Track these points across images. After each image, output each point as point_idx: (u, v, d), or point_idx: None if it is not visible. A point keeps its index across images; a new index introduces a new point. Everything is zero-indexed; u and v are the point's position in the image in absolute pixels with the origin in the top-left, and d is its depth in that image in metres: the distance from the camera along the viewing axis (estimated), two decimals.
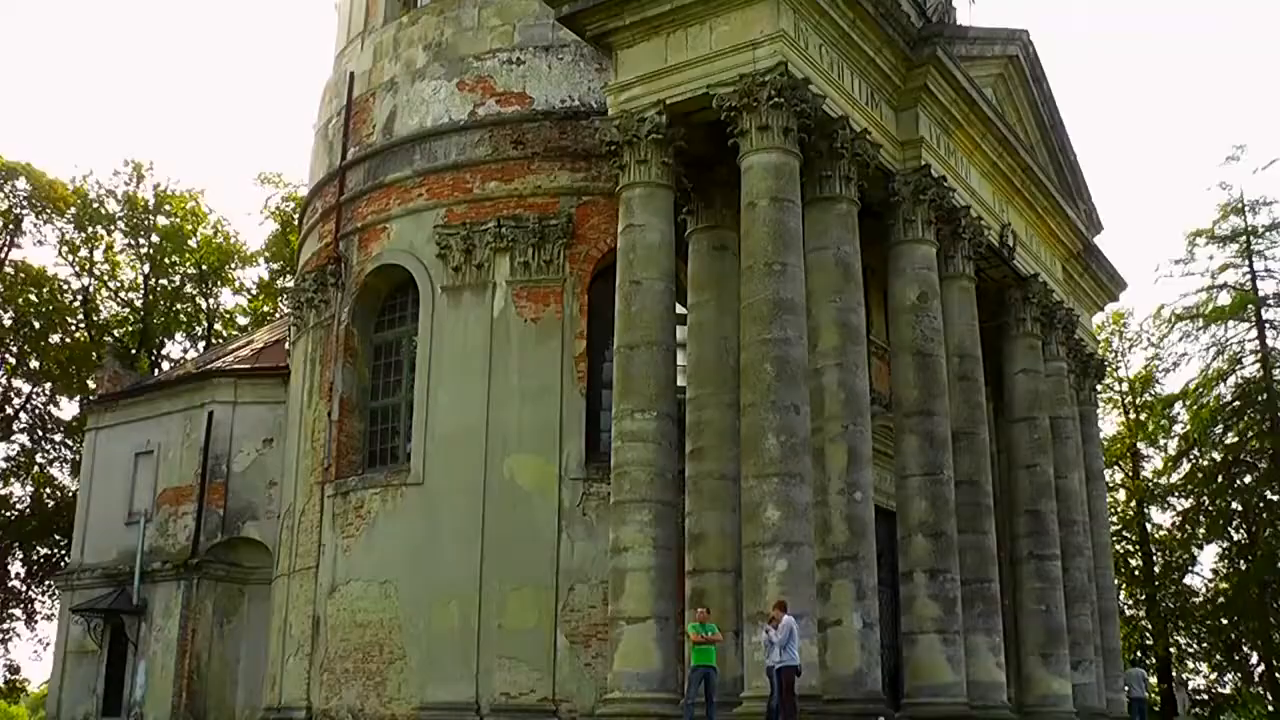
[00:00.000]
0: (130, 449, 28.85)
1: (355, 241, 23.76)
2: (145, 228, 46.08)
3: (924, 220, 20.87)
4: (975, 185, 23.21)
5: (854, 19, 19.36)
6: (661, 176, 18.48)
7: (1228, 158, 44.86)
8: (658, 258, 18.17)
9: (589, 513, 20.48)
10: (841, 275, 18.63)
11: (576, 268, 21.56)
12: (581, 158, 21.71)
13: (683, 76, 18.48)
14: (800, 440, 16.80)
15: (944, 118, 21.83)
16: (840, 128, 18.81)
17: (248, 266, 48.92)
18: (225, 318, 48.94)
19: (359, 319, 23.75)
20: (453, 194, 22.47)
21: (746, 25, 18.13)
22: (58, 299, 44.85)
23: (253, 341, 31.71)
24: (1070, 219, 27.29)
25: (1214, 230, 44.35)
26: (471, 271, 21.88)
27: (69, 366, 44.23)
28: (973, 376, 22.21)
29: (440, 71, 23.31)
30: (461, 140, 22.68)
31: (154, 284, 46.88)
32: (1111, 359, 48.56)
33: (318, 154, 26.36)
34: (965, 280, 22.43)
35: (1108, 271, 31.20)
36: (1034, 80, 25.98)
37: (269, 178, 47.88)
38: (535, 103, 22.48)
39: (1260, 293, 43.38)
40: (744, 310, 17.49)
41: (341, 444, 23.16)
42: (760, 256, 17.24)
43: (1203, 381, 44.99)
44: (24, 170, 43.37)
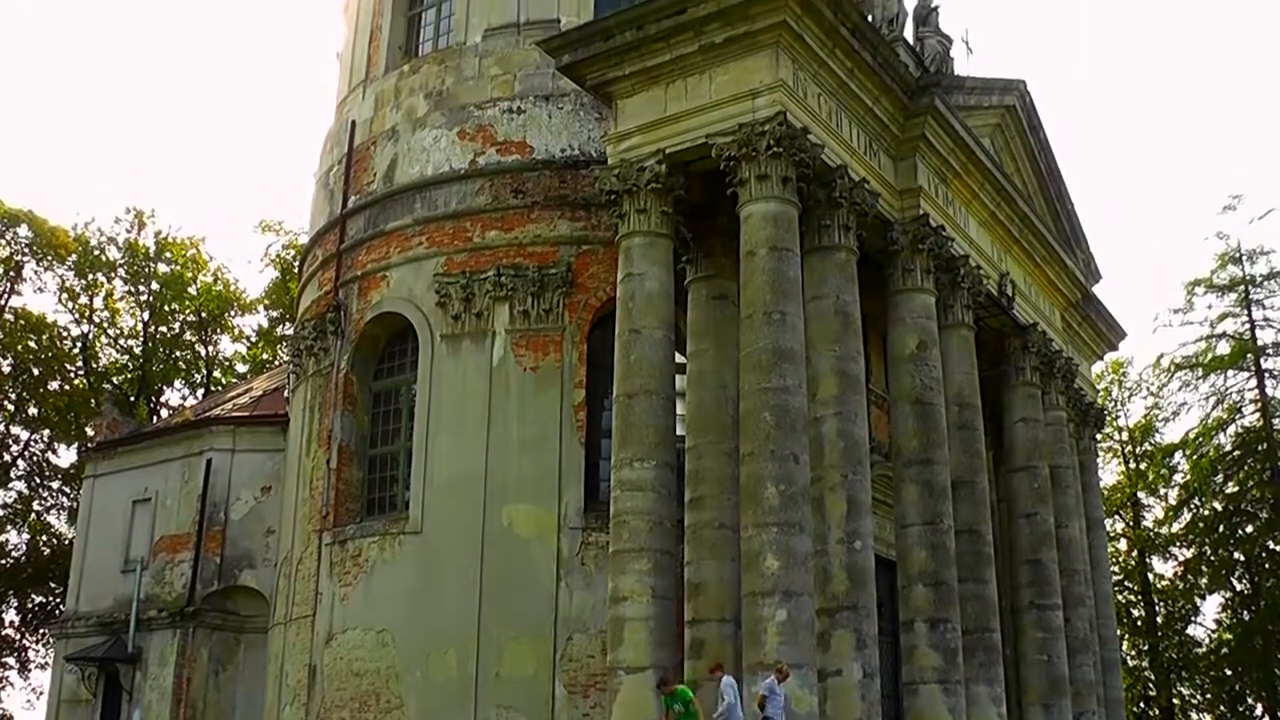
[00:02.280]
0: (128, 496, 28.75)
1: (355, 289, 23.79)
2: (146, 275, 46.18)
3: (923, 269, 20.93)
4: (974, 234, 23.28)
5: (852, 68, 19.50)
6: (661, 226, 18.55)
7: (1225, 207, 45.03)
8: (657, 306, 18.20)
9: (588, 562, 20.37)
10: (840, 324, 18.65)
11: (576, 316, 21.57)
12: (581, 207, 21.79)
13: (682, 126, 18.61)
14: (800, 489, 16.76)
15: (942, 167, 21.93)
16: (839, 177, 18.90)
17: (247, 314, 48.98)
18: (224, 365, 48.93)
19: (358, 367, 23.73)
20: (453, 243, 22.53)
21: (745, 75, 18.27)
22: (57, 346, 44.85)
23: (251, 389, 31.67)
24: (1068, 268, 27.37)
25: (1212, 279, 44.42)
26: (471, 320, 21.90)
27: (67, 413, 44.16)
28: (972, 425, 22.18)
29: (441, 120, 23.43)
30: (462, 189, 22.77)
31: (153, 331, 46.91)
32: (1111, 408, 48.52)
33: (318, 202, 26.46)
34: (964, 329, 22.45)
35: (1106, 320, 31.26)
36: (1031, 130, 26.14)
37: (270, 225, 48.03)
38: (535, 152, 22.58)
39: (1259, 342, 43.40)
40: (743, 359, 17.50)
41: (340, 492, 23.08)
42: (759, 305, 17.27)
43: (1202, 431, 44.92)
44: (26, 217, 43.51)
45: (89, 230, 45.53)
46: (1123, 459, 50.46)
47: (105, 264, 45.45)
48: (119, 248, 45.83)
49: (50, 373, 44.61)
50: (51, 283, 44.92)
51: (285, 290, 45.00)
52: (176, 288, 46.40)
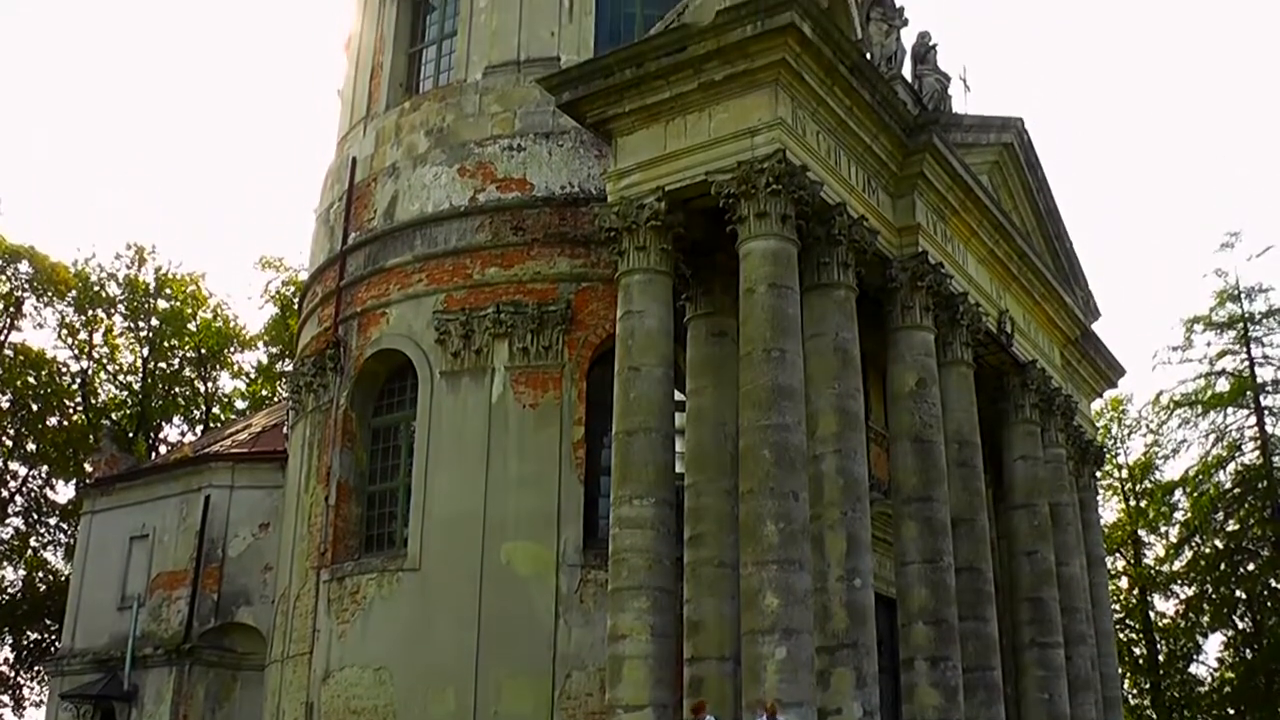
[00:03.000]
0: (125, 533, 28.66)
1: (355, 326, 23.81)
2: (145, 311, 46.21)
3: (922, 306, 20.95)
4: (972, 271, 23.32)
5: (851, 106, 19.59)
6: (660, 263, 18.59)
7: (1222, 244, 45.07)
8: (656, 344, 18.21)
9: (586, 599, 20.29)
10: (840, 361, 18.65)
11: (575, 354, 21.58)
12: (581, 244, 21.84)
13: (682, 163, 18.67)
14: (799, 527, 16.70)
15: (940, 204, 21.99)
16: (838, 214, 18.95)
17: (247, 350, 49.00)
18: (223, 401, 48.90)
19: (358, 403, 23.72)
20: (452, 279, 22.57)
21: (745, 113, 18.35)
22: (56, 382, 44.81)
23: (250, 425, 31.65)
24: (1067, 305, 27.40)
25: (1211, 317, 44.52)
26: (470, 357, 21.90)
27: (66, 449, 44.08)
28: (972, 463, 22.13)
29: (441, 157, 23.52)
30: (462, 226, 22.84)
31: (153, 367, 46.90)
32: (1111, 445, 48.50)
33: (319, 239, 26.52)
34: (964, 366, 22.44)
35: (1106, 358, 31.27)
36: (1029, 167, 26.23)
37: (270, 262, 48.15)
38: (535, 189, 22.66)
39: (1259, 379, 43.43)
40: (743, 396, 17.48)
41: (338, 528, 23.01)
42: (759, 343, 17.27)
43: (1202, 468, 44.89)
44: (27, 253, 43.59)
45: (89, 266, 45.62)
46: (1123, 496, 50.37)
47: (105, 300, 45.49)
48: (119, 284, 45.90)
49: (49, 408, 44.56)
50: (51, 319, 44.98)
51: (285, 327, 45.02)
52: (176, 324, 46.44)
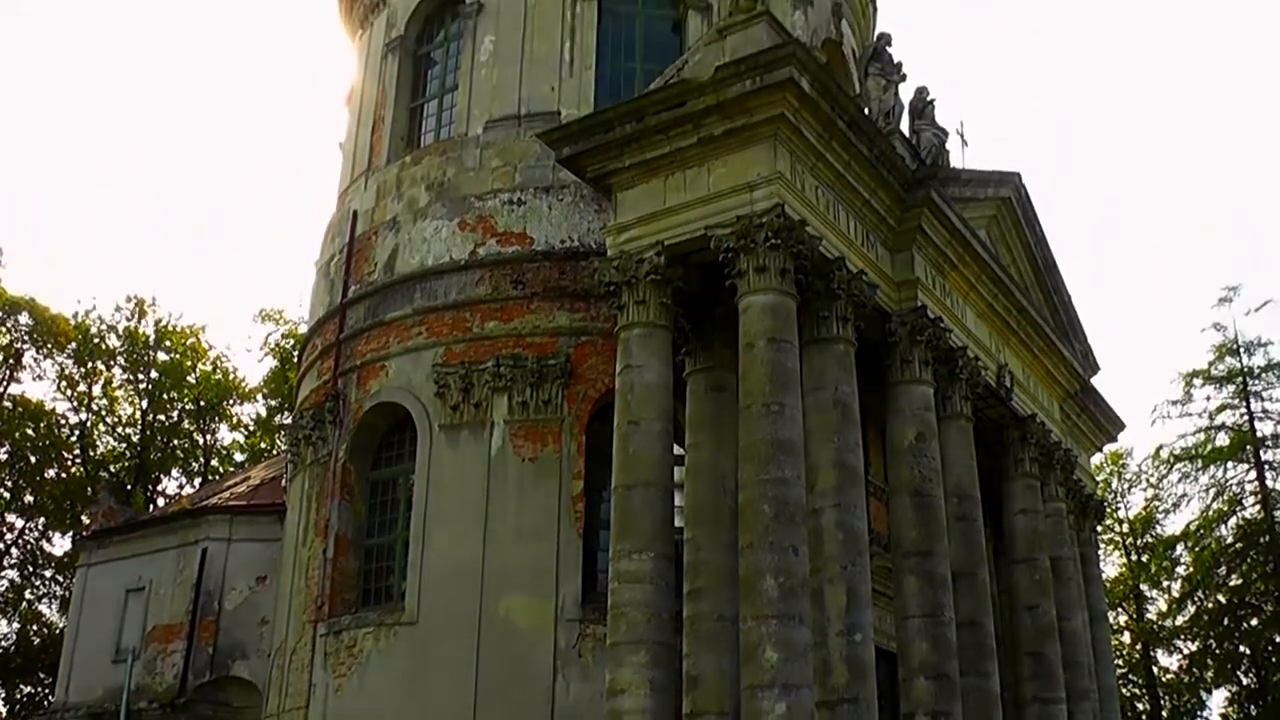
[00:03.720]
0: (121, 585, 28.47)
1: (354, 379, 23.82)
2: (145, 363, 46.31)
3: (921, 361, 20.95)
4: (971, 325, 23.36)
5: (849, 161, 19.70)
6: (660, 317, 18.61)
7: (1220, 299, 45.28)
8: (656, 398, 18.19)
9: (585, 654, 20.14)
10: (839, 416, 18.63)
11: (574, 407, 21.55)
12: (580, 298, 21.86)
13: (681, 218, 18.73)
14: (799, 581, 16.61)
15: (939, 259, 22.06)
16: (837, 269, 19.00)
17: (246, 403, 49.03)
18: (222, 454, 48.88)
19: (356, 456, 23.67)
20: (452, 333, 22.59)
21: (744, 167, 18.44)
22: (55, 433, 44.82)
23: (249, 478, 31.57)
24: (1066, 359, 27.42)
25: (1210, 371, 44.63)
26: (469, 410, 21.88)
27: (63, 501, 44.01)
28: (972, 517, 22.05)
29: (442, 211, 23.62)
30: (462, 279, 22.89)
31: (152, 419, 46.91)
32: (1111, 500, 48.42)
33: (318, 291, 26.59)
34: (963, 420, 22.41)
35: (1105, 412, 31.24)
36: (1027, 222, 26.32)
37: (270, 314, 48.31)
38: (535, 243, 22.72)
39: (1258, 433, 43.45)
40: (742, 451, 17.44)
41: (336, 582, 22.89)
42: (758, 397, 17.26)
43: (1203, 523, 44.80)
44: (27, 305, 43.74)
45: (89, 318, 45.78)
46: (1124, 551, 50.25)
47: (105, 352, 45.60)
48: (119, 336, 46.04)
49: (47, 460, 44.54)
50: (51, 370, 45.07)
51: (284, 379, 45.09)
52: (175, 376, 46.53)
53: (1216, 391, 44.87)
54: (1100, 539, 39.85)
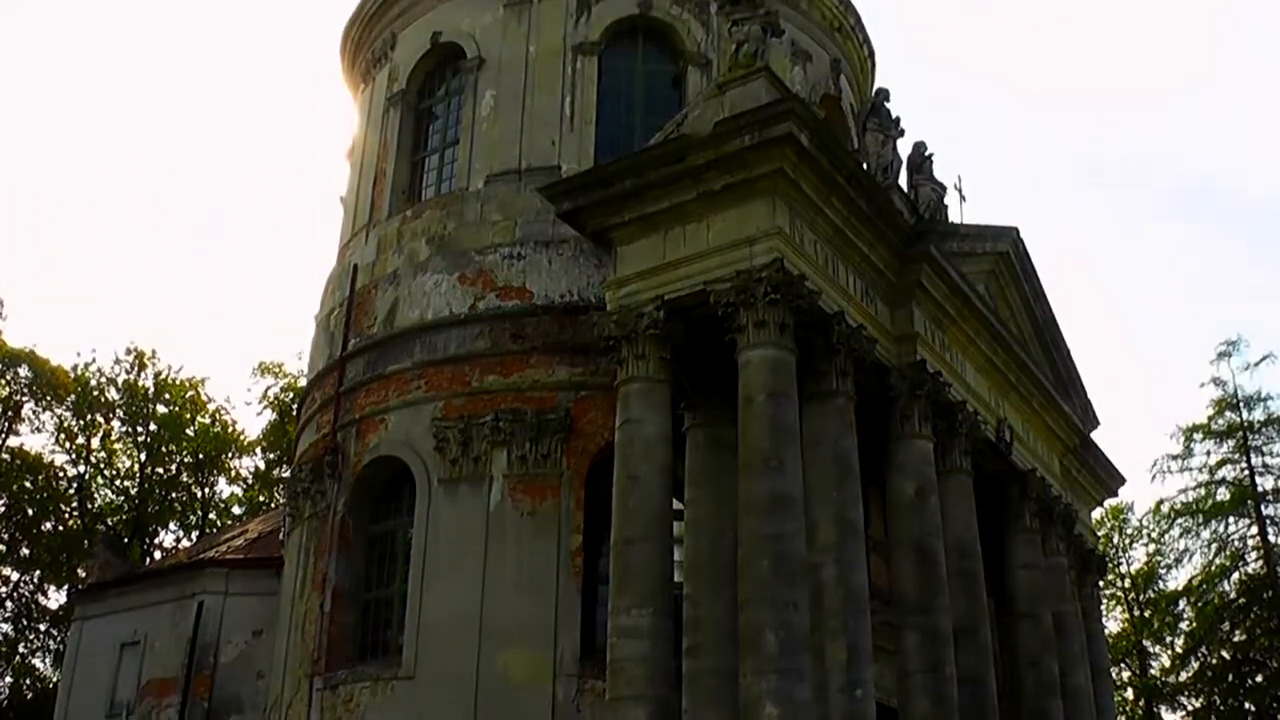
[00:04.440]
0: (116, 639, 28.26)
1: (353, 432, 23.76)
2: (144, 416, 46.28)
3: (921, 415, 20.93)
4: (970, 380, 23.35)
5: (848, 216, 19.77)
6: (659, 372, 18.61)
7: (1219, 354, 45.34)
8: (655, 453, 18.16)
9: (584, 709, 19.94)
10: (839, 470, 18.59)
11: (574, 462, 21.46)
12: (580, 352, 21.81)
13: (681, 272, 18.78)
14: (799, 636, 16.50)
15: (938, 313, 22.09)
16: (836, 323, 19.02)
17: (245, 456, 48.93)
18: (220, 507, 48.75)
19: (355, 510, 23.55)
20: (451, 386, 22.55)
21: (743, 222, 18.51)
22: (53, 486, 44.73)
23: (246, 531, 31.42)
24: (1066, 414, 27.39)
25: (1210, 426, 44.61)
26: (468, 464, 21.80)
27: (59, 554, 43.83)
28: (973, 572, 21.94)
29: (442, 265, 23.65)
30: (461, 333, 22.88)
31: (150, 472, 46.81)
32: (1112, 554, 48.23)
33: (318, 344, 26.59)
34: (963, 475, 22.35)
35: (1105, 467, 31.16)
36: (1025, 276, 26.38)
37: (269, 367, 48.31)
38: (535, 297, 22.72)
39: (1259, 488, 43.34)
40: (742, 505, 17.38)
41: (333, 636, 22.71)
42: (757, 452, 17.23)
43: (1206, 578, 44.61)
44: (26, 357, 43.78)
45: (89, 371, 45.81)
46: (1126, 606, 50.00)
47: (104, 404, 45.56)
48: (118, 388, 46.03)
49: (44, 513, 44.40)
50: (50, 423, 45.01)
51: (283, 432, 45.02)
52: (174, 429, 46.49)
53: (1216, 446, 44.87)
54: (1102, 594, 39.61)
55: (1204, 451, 45.15)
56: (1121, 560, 50.03)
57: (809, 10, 28.48)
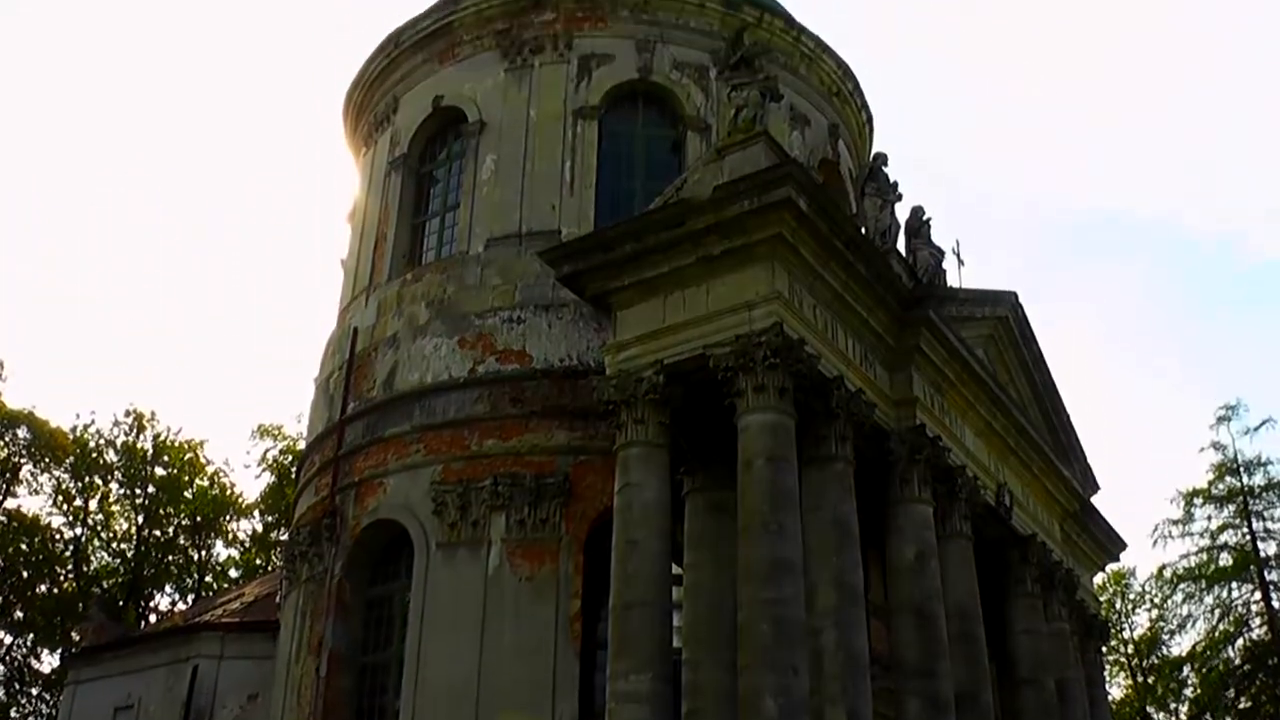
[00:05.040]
0: (109, 704, 28.03)
1: (352, 496, 23.67)
2: (142, 478, 46.20)
3: (920, 479, 20.87)
4: (970, 444, 23.32)
5: (847, 280, 19.84)
6: (658, 436, 18.58)
7: (1219, 418, 45.34)
8: (654, 517, 18.09)
9: None
10: (839, 535, 18.52)
11: (573, 526, 21.36)
12: (579, 416, 21.76)
13: (680, 337, 18.81)
14: (798, 701, 16.33)
15: (937, 378, 22.10)
16: (835, 387, 19.02)
17: (242, 518, 48.77)
18: (216, 570, 48.50)
19: (352, 574, 23.41)
20: (450, 450, 22.49)
21: (742, 287, 18.57)
22: (49, 548, 44.56)
23: (243, 594, 31.27)
24: (1066, 479, 27.32)
25: (1210, 491, 44.53)
26: (467, 528, 21.70)
27: (53, 617, 43.55)
28: (974, 637, 21.78)
29: (442, 328, 23.68)
30: (461, 397, 22.86)
31: (147, 535, 46.64)
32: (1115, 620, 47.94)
33: (318, 407, 26.57)
34: (963, 540, 22.25)
35: (1106, 532, 31.03)
36: (1024, 340, 26.42)
37: (268, 430, 48.26)
38: (535, 361, 22.71)
39: (1262, 554, 43.17)
40: (741, 570, 17.28)
41: (329, 700, 22.48)
42: (757, 516, 17.16)
43: (1210, 644, 44.32)
44: (25, 419, 43.77)
45: (88, 433, 45.76)
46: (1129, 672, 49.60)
47: (102, 467, 45.49)
48: (117, 450, 45.96)
49: (40, 575, 44.20)
50: (47, 484, 44.91)
51: (281, 495, 44.90)
52: (172, 491, 46.39)
53: (1217, 511, 44.77)
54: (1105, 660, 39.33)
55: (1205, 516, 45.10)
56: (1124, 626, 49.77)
57: (807, 75, 28.76)
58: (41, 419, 44.35)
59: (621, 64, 25.93)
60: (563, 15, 26.37)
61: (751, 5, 27.51)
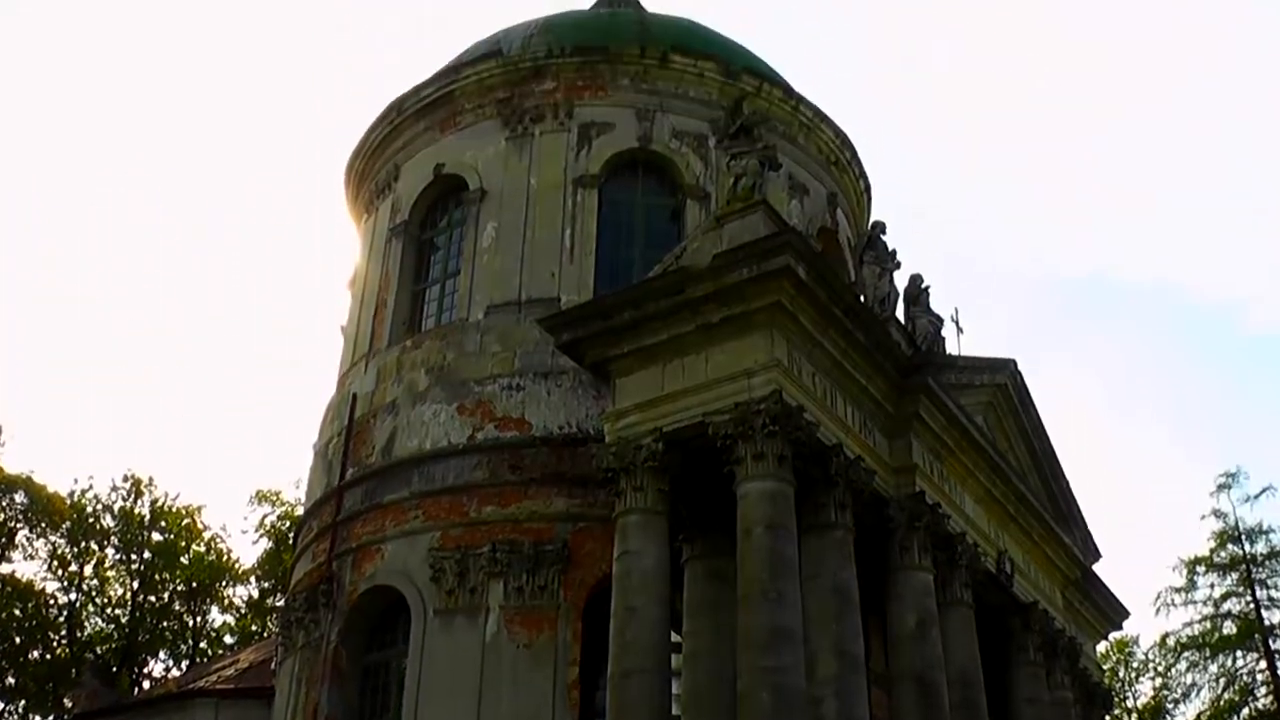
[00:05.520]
0: None
1: (349, 562, 23.56)
2: (139, 543, 46.04)
3: (920, 547, 20.81)
4: (970, 511, 23.26)
5: (846, 348, 19.89)
6: (657, 504, 18.55)
7: (1219, 486, 45.24)
8: (653, 585, 18.01)
9: None
10: (839, 602, 18.43)
11: (571, 593, 21.24)
12: (578, 484, 21.72)
13: (679, 404, 18.83)
14: None
15: (936, 445, 22.09)
16: (835, 455, 19.01)
17: (239, 584, 48.53)
18: (212, 636, 48.17)
19: (349, 640, 23.25)
20: (449, 517, 22.42)
21: (741, 354, 18.61)
22: (43, 614, 44.26)
23: (238, 661, 31.03)
24: (1066, 546, 27.21)
25: (1212, 559, 44.34)
26: (465, 595, 21.58)
27: (46, 683, 43.16)
28: (976, 705, 21.59)
29: (441, 395, 23.69)
30: (460, 464, 22.82)
31: (142, 600, 46.36)
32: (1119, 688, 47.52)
33: (316, 473, 26.51)
34: (964, 607, 22.13)
35: (1109, 599, 30.86)
36: (1023, 408, 26.43)
37: (266, 495, 48.16)
38: (534, 428, 22.69)
39: (1266, 622, 42.89)
40: (740, 638, 17.18)
41: None
42: (756, 584, 17.09)
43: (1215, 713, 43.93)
44: (23, 484, 43.69)
45: (85, 497, 45.63)
46: None
47: (99, 532, 45.33)
48: (114, 515, 45.83)
49: (32, 641, 43.88)
50: (43, 549, 44.73)
51: (278, 561, 44.70)
52: (168, 557, 46.19)
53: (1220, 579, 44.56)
54: None
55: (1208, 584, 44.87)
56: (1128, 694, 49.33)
57: (806, 144, 29.00)
58: (39, 484, 44.27)
59: (621, 132, 26.17)
60: (563, 84, 26.67)
61: (750, 74, 27.82)
